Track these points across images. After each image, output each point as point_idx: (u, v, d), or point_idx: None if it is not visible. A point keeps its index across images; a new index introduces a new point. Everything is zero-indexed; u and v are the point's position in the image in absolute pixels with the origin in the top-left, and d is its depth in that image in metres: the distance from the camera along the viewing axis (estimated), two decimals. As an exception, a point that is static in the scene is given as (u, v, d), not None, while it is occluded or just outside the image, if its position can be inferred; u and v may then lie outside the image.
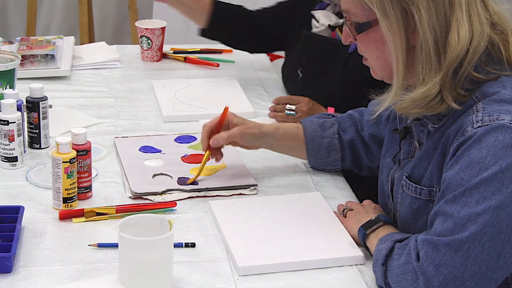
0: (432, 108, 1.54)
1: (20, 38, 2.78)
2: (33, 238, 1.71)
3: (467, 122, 1.51)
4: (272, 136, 2.00)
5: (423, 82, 1.52)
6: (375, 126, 1.94)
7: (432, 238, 1.48)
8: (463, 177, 1.48)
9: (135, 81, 2.64)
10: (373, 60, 1.62)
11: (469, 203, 1.46)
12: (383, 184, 1.79)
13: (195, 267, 1.64)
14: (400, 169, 1.71)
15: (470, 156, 1.47)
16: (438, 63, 1.51)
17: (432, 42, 1.50)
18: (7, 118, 1.98)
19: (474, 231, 1.44)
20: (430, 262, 1.46)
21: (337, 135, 2.00)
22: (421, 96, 1.52)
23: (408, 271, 1.50)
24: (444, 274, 1.45)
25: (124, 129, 2.28)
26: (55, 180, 1.81)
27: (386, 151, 1.80)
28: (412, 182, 1.64)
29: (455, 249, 1.45)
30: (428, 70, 1.51)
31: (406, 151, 1.72)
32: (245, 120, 2.00)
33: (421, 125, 1.65)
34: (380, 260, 1.56)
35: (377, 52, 1.59)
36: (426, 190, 1.61)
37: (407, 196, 1.65)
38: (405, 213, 1.66)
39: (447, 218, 1.48)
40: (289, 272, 1.64)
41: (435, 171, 1.59)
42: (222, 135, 1.96)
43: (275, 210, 1.84)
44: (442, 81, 1.51)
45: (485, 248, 1.44)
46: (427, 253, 1.47)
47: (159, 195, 1.90)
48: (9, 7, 4.62)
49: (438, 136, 1.59)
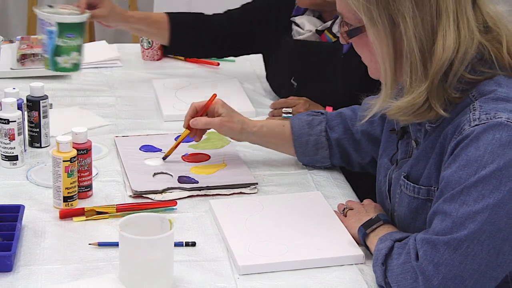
0: (420, 115, 1.54)
1: (20, 37, 2.78)
2: (34, 237, 1.71)
3: (464, 120, 1.51)
4: (255, 134, 2.03)
5: (409, 90, 1.52)
6: (368, 124, 1.93)
7: (431, 237, 1.48)
8: (461, 175, 1.48)
9: (135, 80, 2.64)
10: (367, 61, 1.62)
11: (467, 201, 1.46)
12: (380, 184, 1.79)
13: (195, 266, 1.64)
14: (397, 169, 1.71)
15: (468, 155, 1.47)
16: (424, 72, 1.51)
17: (417, 51, 1.50)
18: (8, 117, 1.98)
19: (472, 229, 1.44)
20: (429, 261, 1.46)
21: (324, 133, 2.01)
22: (407, 105, 1.52)
23: (407, 271, 1.50)
24: (444, 273, 1.45)
25: (125, 128, 2.28)
26: (55, 179, 1.81)
27: (383, 151, 1.80)
28: (410, 182, 1.64)
29: (454, 248, 1.45)
30: (414, 79, 1.51)
31: (403, 151, 1.72)
32: (232, 113, 2.02)
33: (418, 125, 1.65)
34: (380, 260, 1.56)
35: (369, 55, 1.59)
36: (425, 190, 1.61)
37: (406, 196, 1.65)
38: (404, 212, 1.66)
39: (446, 217, 1.48)
40: (290, 271, 1.64)
41: (433, 170, 1.59)
42: (202, 119, 2.01)
43: (275, 209, 1.84)
44: (428, 90, 1.51)
45: (484, 247, 1.44)
46: (426, 252, 1.47)
47: (160, 194, 1.90)
48: (9, 6, 4.62)
49: (436, 135, 1.59)
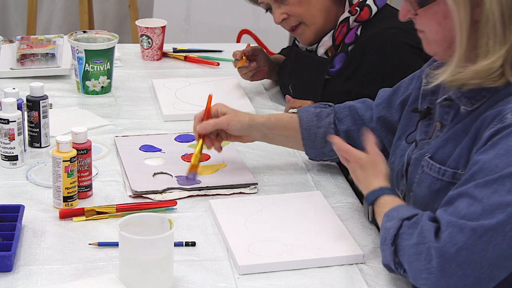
0: (491, 80, 1.55)
1: (20, 37, 2.78)
2: (34, 237, 1.71)
3: (507, 109, 1.52)
4: (264, 125, 2.00)
5: (487, 54, 1.53)
6: (386, 109, 1.93)
7: (458, 221, 1.47)
8: (497, 163, 1.48)
9: (135, 80, 2.64)
10: (432, 34, 1.62)
11: (500, 191, 1.46)
12: (394, 166, 1.78)
13: (195, 266, 1.64)
14: (418, 150, 1.71)
15: (508, 144, 1.48)
16: (503, 35, 1.52)
17: (498, 14, 1.51)
18: (8, 117, 1.98)
19: (500, 220, 1.45)
20: (453, 244, 1.46)
21: (333, 125, 2.00)
22: (484, 68, 1.53)
23: (421, 252, 1.49)
24: (464, 257, 1.45)
25: (125, 128, 2.28)
26: (55, 179, 1.81)
27: (402, 133, 1.81)
28: (435, 163, 1.64)
29: (479, 235, 1.45)
30: (493, 42, 1.52)
31: (423, 131, 1.72)
32: (235, 110, 2.01)
33: (447, 107, 1.65)
34: (388, 240, 1.56)
35: (436, 27, 1.60)
36: (451, 172, 1.61)
37: (428, 177, 1.65)
38: (423, 193, 1.66)
39: (475, 202, 1.47)
40: (289, 271, 1.64)
41: (464, 153, 1.58)
42: (209, 122, 1.98)
43: (275, 209, 1.84)
44: (507, 55, 1.52)
45: (506, 238, 1.45)
46: (451, 235, 1.47)
47: (159, 194, 1.90)
48: (9, 6, 4.62)
49: (471, 119, 1.59)
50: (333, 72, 2.27)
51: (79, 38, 2.49)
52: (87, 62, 2.44)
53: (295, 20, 2.31)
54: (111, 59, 2.49)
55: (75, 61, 2.46)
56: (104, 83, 2.48)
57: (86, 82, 2.47)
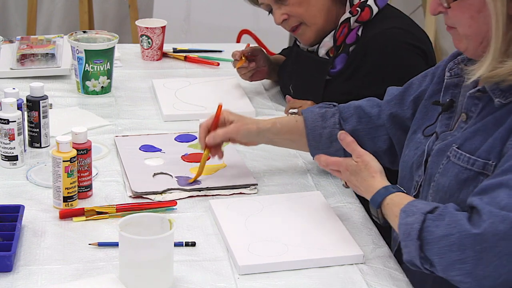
0: None
1: (20, 37, 2.78)
2: (34, 237, 1.71)
3: None
4: (270, 131, 2.00)
5: None
6: (398, 106, 1.92)
7: (500, 211, 1.47)
8: None
9: (135, 80, 2.64)
10: (464, 28, 1.60)
11: None
12: (407, 158, 1.78)
13: (195, 266, 1.64)
14: (440, 141, 1.70)
15: None
16: None
17: None
18: (8, 117, 1.98)
19: None
20: (494, 233, 1.46)
21: (338, 125, 1.98)
22: None
23: (453, 243, 1.49)
24: (502, 247, 1.46)
25: (125, 128, 2.28)
26: (55, 179, 1.81)
27: (418, 127, 1.80)
28: (465, 153, 1.63)
29: None
30: None
31: (444, 124, 1.72)
32: (242, 117, 2.00)
33: (477, 99, 1.65)
34: (413, 234, 1.54)
35: (469, 21, 1.58)
36: (481, 162, 1.60)
37: (455, 166, 1.63)
38: (449, 183, 1.64)
39: None
40: (289, 271, 1.64)
41: (497, 144, 1.58)
42: (218, 132, 1.97)
43: (275, 209, 1.84)
44: None
45: None
46: (494, 224, 1.46)
47: (159, 194, 1.90)
48: (9, 6, 4.62)
49: (505, 111, 1.58)
50: (334, 73, 2.27)
51: (79, 38, 2.49)
52: (87, 62, 2.44)
53: (295, 21, 2.31)
54: (111, 59, 2.49)
55: (75, 61, 2.47)
56: (104, 83, 2.48)
57: (86, 82, 2.47)
